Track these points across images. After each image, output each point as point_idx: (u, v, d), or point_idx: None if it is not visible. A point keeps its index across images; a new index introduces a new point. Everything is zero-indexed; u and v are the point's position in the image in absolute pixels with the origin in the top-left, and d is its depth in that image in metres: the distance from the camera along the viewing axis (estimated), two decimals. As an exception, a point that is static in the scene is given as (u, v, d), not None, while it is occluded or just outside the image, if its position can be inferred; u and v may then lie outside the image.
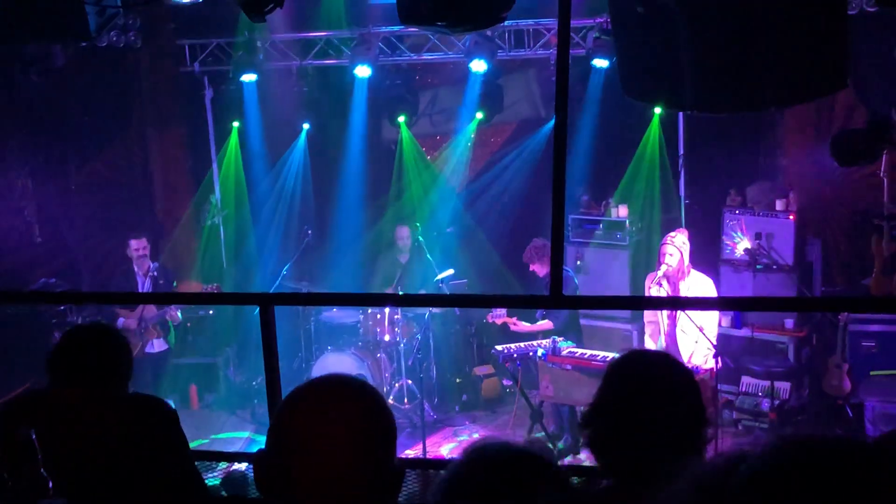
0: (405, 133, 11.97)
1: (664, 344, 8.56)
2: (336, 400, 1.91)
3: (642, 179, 10.97)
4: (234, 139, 11.90)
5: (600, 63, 10.08)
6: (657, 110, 10.46)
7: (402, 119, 11.74)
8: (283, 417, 1.92)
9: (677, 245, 8.59)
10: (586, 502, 2.88)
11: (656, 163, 10.83)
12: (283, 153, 12.09)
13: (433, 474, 5.81)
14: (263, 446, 1.94)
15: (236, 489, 5.57)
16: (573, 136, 10.68)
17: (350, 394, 1.93)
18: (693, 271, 8.68)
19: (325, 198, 12.05)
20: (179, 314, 10.30)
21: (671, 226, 9.73)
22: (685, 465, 2.54)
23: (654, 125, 10.81)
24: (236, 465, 5.73)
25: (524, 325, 9.71)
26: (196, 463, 5.62)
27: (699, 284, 8.62)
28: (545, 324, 9.60)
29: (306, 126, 11.60)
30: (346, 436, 1.85)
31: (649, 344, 8.78)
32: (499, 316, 9.92)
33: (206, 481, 5.76)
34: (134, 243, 10.02)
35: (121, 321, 10.02)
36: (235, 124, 11.80)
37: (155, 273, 9.93)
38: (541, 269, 9.55)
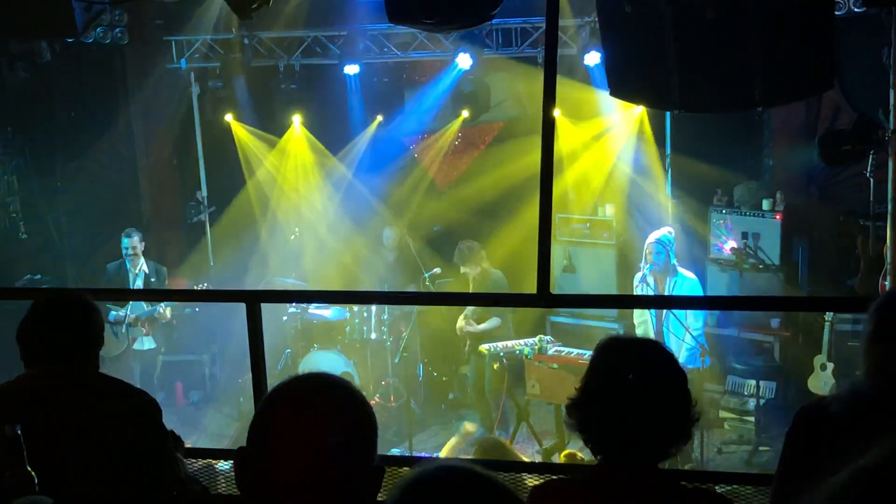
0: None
1: (652, 343, 8.56)
2: (316, 398, 1.90)
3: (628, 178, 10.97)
4: (235, 130, 11.87)
5: (591, 60, 10.08)
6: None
7: (379, 118, 11.80)
8: (263, 415, 1.91)
9: (663, 244, 8.60)
10: (576, 481, 2.97)
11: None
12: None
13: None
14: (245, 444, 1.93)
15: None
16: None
17: (330, 392, 1.93)
18: (680, 270, 8.69)
19: (311, 195, 12.00)
20: (168, 312, 10.27)
21: (658, 225, 9.74)
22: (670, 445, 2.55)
23: (637, 123, 10.83)
24: (221, 463, 5.70)
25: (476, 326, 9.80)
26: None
27: (686, 283, 8.63)
28: (494, 321, 9.69)
29: (298, 117, 11.62)
30: (325, 434, 1.85)
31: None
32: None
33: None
34: (127, 241, 9.99)
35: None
36: (228, 118, 11.77)
37: (146, 270, 9.92)
38: (472, 270, 9.62)
